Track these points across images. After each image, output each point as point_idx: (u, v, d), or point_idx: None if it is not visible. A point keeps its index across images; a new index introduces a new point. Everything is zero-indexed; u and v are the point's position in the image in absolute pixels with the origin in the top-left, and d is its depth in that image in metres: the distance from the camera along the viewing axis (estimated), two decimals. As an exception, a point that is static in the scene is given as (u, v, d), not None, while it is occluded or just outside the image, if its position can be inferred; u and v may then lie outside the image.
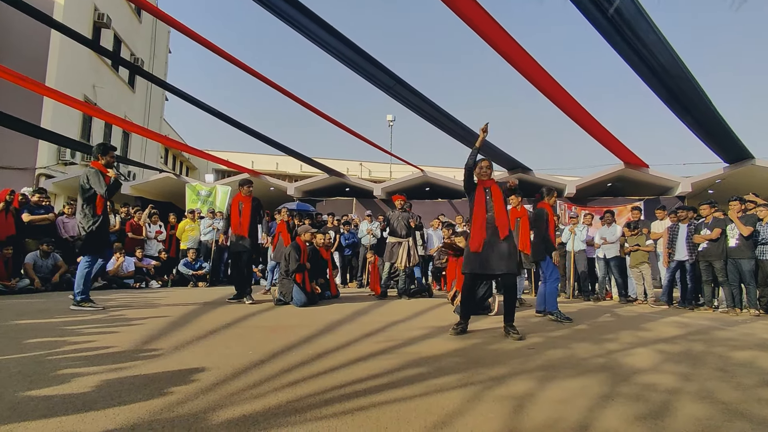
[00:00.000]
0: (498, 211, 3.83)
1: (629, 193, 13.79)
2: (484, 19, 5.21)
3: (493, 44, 5.75)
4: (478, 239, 3.79)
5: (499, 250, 3.73)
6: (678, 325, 4.74)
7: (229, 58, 7.42)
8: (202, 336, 3.37)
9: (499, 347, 3.24)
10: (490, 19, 5.21)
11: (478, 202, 3.91)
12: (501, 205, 3.86)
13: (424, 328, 4.03)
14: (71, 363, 2.44)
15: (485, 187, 3.95)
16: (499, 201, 3.87)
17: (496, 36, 5.50)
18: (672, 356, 3.06)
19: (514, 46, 5.74)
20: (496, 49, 5.87)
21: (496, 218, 3.81)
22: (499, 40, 5.60)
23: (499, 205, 3.85)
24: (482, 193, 3.95)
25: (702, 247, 6.41)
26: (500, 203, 3.86)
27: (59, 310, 4.60)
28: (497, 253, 3.73)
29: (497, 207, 3.84)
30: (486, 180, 4.00)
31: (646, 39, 5.36)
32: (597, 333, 3.98)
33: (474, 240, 3.81)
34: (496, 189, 3.93)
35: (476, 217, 3.89)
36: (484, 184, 3.98)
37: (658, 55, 5.71)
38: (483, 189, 3.95)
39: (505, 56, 6.04)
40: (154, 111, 20.86)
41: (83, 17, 14.59)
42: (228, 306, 5.35)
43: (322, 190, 15.07)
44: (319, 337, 3.43)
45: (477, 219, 3.87)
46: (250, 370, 2.40)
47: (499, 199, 3.87)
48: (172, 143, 16.88)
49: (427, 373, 2.44)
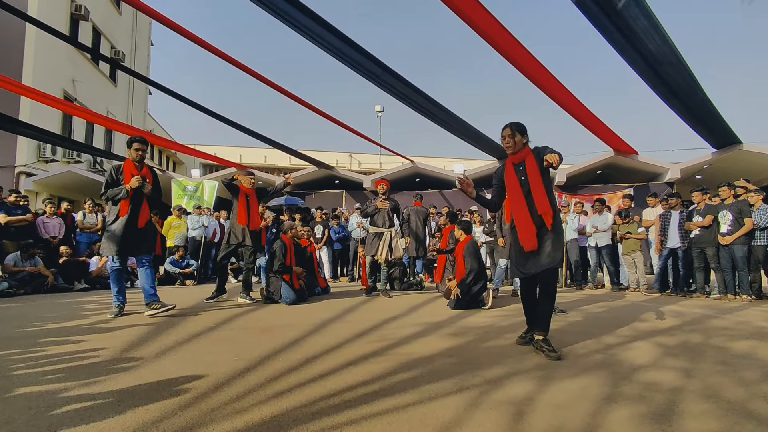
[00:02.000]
0: (536, 193, 2.92)
1: (619, 180, 13.82)
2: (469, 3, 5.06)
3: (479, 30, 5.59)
4: (528, 236, 2.94)
5: (545, 243, 2.93)
6: (673, 314, 4.69)
7: (212, 50, 7.16)
8: (185, 340, 3.22)
9: (494, 344, 3.15)
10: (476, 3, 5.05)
11: (511, 187, 3.05)
12: (538, 184, 2.93)
13: (416, 324, 3.93)
14: (39, 378, 2.29)
15: (515, 164, 3.05)
16: (536, 179, 2.94)
17: (482, 21, 5.35)
18: (670, 349, 2.99)
19: (500, 31, 5.59)
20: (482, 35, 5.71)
21: (536, 203, 2.92)
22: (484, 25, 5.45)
23: (537, 185, 2.93)
24: (513, 173, 3.04)
25: (694, 234, 6.38)
26: (537, 182, 2.93)
27: (36, 317, 4.40)
28: (544, 247, 2.93)
29: (534, 187, 2.93)
30: (514, 153, 3.04)
31: (635, 25, 5.25)
32: (592, 326, 3.91)
33: (524, 238, 2.96)
34: (531, 163, 2.96)
35: (516, 209, 3.03)
36: (513, 159, 3.06)
37: (647, 41, 5.60)
38: (513, 167, 3.05)
39: (491, 41, 5.88)
40: (137, 105, 20.36)
41: (59, 9, 14.09)
42: (214, 305, 5.19)
43: (311, 183, 14.89)
44: (307, 339, 3.30)
45: (518, 211, 3.01)
46: (233, 379, 2.27)
47: (536, 176, 2.94)
48: (156, 140, 16.49)
49: (421, 376, 2.33)
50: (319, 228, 9.42)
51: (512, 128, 3.00)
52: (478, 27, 5.55)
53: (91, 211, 8.47)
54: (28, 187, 12.55)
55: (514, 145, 3.01)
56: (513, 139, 3.00)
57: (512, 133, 3.00)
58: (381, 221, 6.22)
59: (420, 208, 8.14)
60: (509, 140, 3.01)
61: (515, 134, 3.00)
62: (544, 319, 2.90)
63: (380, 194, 6.32)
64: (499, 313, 4.68)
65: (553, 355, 2.70)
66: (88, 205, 8.47)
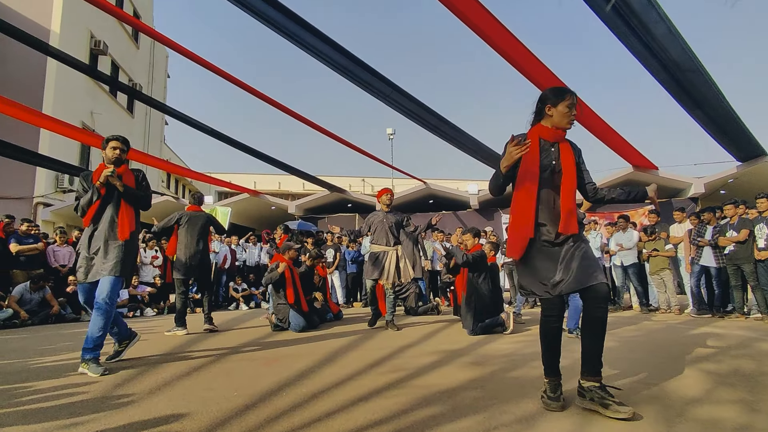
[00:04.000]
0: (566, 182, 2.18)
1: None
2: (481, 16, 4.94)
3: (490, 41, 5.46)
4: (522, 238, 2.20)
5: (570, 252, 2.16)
6: (714, 337, 4.30)
7: (225, 76, 7.19)
8: (184, 374, 2.99)
9: (521, 374, 2.84)
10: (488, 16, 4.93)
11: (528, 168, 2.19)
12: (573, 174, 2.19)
13: (434, 353, 3.63)
14: (20, 418, 2.07)
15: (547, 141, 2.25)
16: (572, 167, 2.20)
17: (493, 32, 5.21)
18: (723, 378, 2.64)
19: (512, 42, 5.44)
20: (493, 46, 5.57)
21: (563, 196, 2.19)
22: (496, 37, 5.31)
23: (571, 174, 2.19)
24: (537, 151, 2.20)
25: (728, 250, 5.98)
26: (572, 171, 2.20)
27: (37, 350, 4.23)
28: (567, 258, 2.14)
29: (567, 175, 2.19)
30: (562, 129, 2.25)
31: (655, 31, 5.05)
32: (628, 351, 3.55)
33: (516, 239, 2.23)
34: (567, 150, 2.24)
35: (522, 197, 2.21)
36: (547, 136, 2.25)
37: (669, 48, 5.39)
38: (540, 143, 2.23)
39: (504, 54, 5.74)
40: (154, 136, 20.78)
41: (80, 45, 14.58)
42: (221, 334, 4.96)
43: (323, 207, 14.79)
44: (316, 371, 3.03)
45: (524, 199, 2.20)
46: (230, 419, 2.02)
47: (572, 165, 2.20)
48: (172, 168, 16.70)
49: (441, 414, 2.04)
50: (330, 252, 9.20)
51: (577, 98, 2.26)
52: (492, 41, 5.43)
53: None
54: (45, 218, 12.70)
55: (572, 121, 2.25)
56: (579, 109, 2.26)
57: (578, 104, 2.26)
58: (383, 238, 5.27)
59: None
60: (576, 111, 2.23)
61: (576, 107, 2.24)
62: (594, 355, 2.10)
63: (383, 206, 5.46)
64: (521, 339, 4.34)
65: (625, 410, 1.90)
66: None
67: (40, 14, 13.50)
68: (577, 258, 2.13)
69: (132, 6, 18.31)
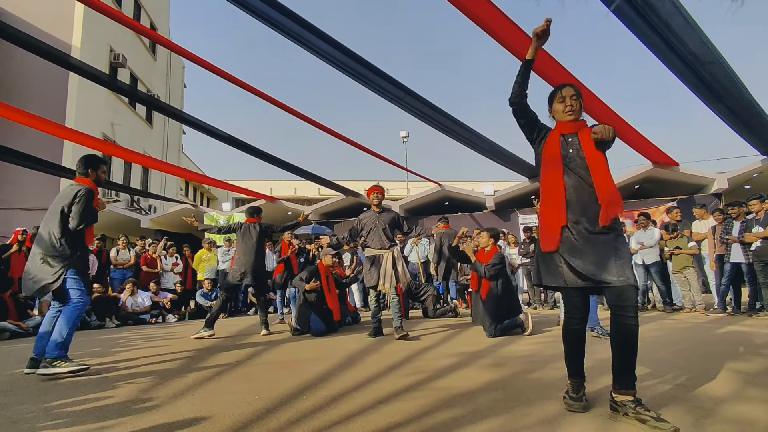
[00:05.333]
0: (596, 172, 2.11)
1: (660, 194, 13.06)
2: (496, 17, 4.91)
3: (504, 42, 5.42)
4: (551, 231, 2.17)
5: (597, 247, 2.07)
6: (742, 336, 4.17)
7: (240, 84, 7.29)
8: (205, 378, 3.03)
9: (542, 376, 2.80)
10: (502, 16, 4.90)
11: (551, 162, 2.24)
12: (599, 160, 2.13)
13: (453, 355, 3.61)
14: (48, 423, 2.13)
15: (564, 134, 2.25)
16: (596, 153, 2.14)
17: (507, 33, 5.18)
18: (753, 378, 2.56)
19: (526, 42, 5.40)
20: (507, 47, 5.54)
21: (597, 187, 2.10)
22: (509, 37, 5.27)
23: (597, 161, 2.13)
24: (557, 145, 2.23)
25: (755, 246, 5.80)
26: (597, 157, 2.13)
27: (65, 353, 4.35)
28: (594, 252, 2.06)
29: (594, 164, 2.13)
30: (572, 120, 2.26)
31: (671, 22, 4.95)
32: (652, 352, 3.47)
33: (545, 233, 2.21)
34: (587, 136, 2.17)
35: (549, 188, 2.23)
36: (563, 128, 2.27)
37: (688, 40, 5.28)
38: (560, 138, 2.25)
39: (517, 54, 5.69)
40: (172, 145, 21.21)
41: (100, 58, 14.99)
42: (241, 338, 5.02)
43: (338, 211, 14.85)
44: (335, 374, 3.04)
45: (551, 191, 2.22)
46: (251, 422, 2.04)
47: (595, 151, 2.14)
48: (190, 175, 16.99)
49: (462, 417, 2.03)
50: (347, 255, 9.24)
51: (575, 88, 2.29)
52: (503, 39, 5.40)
53: (125, 247, 8.61)
54: (69, 227, 13.05)
55: (575, 111, 2.26)
56: (578, 100, 2.26)
57: (576, 94, 2.27)
58: (377, 241, 4.91)
59: (450, 231, 7.85)
60: (572, 103, 2.25)
61: (579, 96, 2.28)
62: (627, 365, 2.00)
63: (373, 206, 5.06)
64: (541, 340, 4.29)
65: (666, 427, 1.76)
66: (121, 241, 8.63)
67: (61, 30, 13.93)
68: (609, 254, 2.04)
69: (149, 18, 18.76)
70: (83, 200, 3.40)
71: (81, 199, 3.40)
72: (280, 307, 7.46)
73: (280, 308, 7.45)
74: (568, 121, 2.27)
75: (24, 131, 10.42)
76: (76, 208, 3.38)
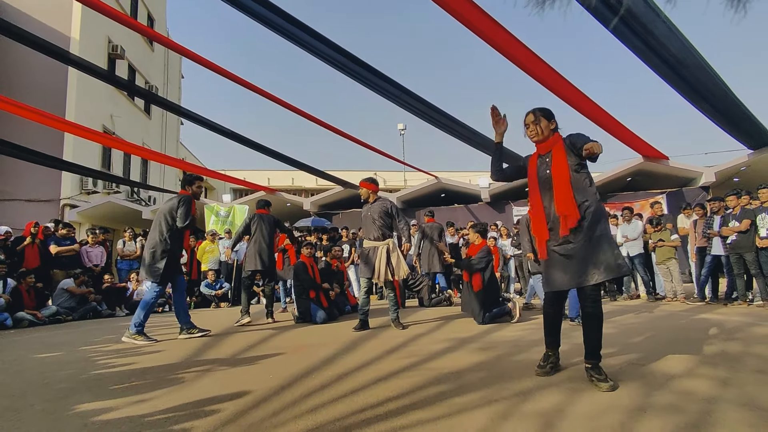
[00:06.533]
0: (558, 188, 2.47)
1: (650, 186, 13.43)
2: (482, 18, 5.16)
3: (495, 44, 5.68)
4: (540, 246, 2.65)
5: (570, 253, 2.49)
6: (712, 323, 4.54)
7: (237, 80, 7.52)
8: (222, 361, 3.37)
9: (523, 358, 3.14)
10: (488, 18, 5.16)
11: (532, 183, 2.66)
12: (562, 177, 2.46)
13: (445, 340, 3.96)
14: (93, 397, 2.46)
15: (541, 155, 2.62)
16: (561, 171, 2.47)
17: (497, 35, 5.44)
18: (708, 358, 2.91)
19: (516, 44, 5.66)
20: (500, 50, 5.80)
21: (556, 202, 2.48)
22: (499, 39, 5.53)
23: (560, 178, 2.46)
24: (535, 168, 2.64)
25: (731, 240, 6.16)
26: (561, 174, 2.47)
27: (84, 341, 4.67)
28: (568, 259, 2.50)
29: (557, 181, 2.47)
30: (540, 142, 2.62)
31: (655, 30, 5.23)
32: (626, 336, 3.83)
33: (538, 246, 2.70)
34: (559, 152, 2.51)
35: (533, 210, 2.68)
36: (540, 149, 2.64)
37: (670, 45, 5.56)
38: (537, 160, 2.64)
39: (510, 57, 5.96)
40: (170, 135, 21.35)
41: (98, 50, 15.10)
42: (249, 327, 5.36)
43: (338, 203, 15.13)
44: (339, 357, 3.39)
45: (534, 210, 2.66)
46: (270, 397, 2.37)
47: (562, 168, 2.47)
48: (188, 166, 17.20)
49: (450, 390, 2.37)
50: (346, 247, 9.56)
51: (535, 113, 2.59)
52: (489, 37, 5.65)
53: (131, 239, 8.90)
54: (72, 218, 13.29)
55: (539, 133, 2.59)
56: (537, 125, 2.58)
57: (536, 119, 2.58)
58: (371, 232, 4.90)
59: (434, 224, 8.10)
60: (533, 128, 2.59)
61: (539, 119, 2.58)
62: (594, 342, 2.46)
63: (369, 202, 5.05)
64: (527, 326, 4.64)
65: (606, 385, 2.27)
66: (127, 233, 8.91)
67: (60, 21, 14.02)
68: (575, 259, 2.49)
69: (146, 10, 18.78)
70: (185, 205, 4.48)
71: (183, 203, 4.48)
72: (283, 297, 7.79)
73: (283, 298, 7.78)
74: (537, 143, 2.67)
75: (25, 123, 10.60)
76: (181, 210, 4.45)
